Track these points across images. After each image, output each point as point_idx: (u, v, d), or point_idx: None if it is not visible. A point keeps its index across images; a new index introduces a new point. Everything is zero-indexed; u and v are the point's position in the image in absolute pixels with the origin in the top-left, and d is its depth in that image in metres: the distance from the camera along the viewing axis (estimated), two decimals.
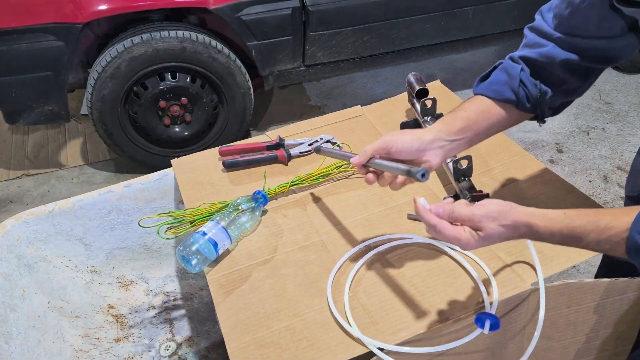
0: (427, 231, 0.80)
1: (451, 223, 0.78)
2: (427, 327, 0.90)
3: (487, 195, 1.05)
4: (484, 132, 0.93)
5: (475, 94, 0.95)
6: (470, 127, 0.91)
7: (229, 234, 1.05)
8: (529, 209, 0.76)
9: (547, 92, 0.92)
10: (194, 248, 1.02)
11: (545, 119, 0.97)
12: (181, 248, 1.03)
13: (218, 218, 1.06)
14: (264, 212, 1.16)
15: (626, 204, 1.09)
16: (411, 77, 1.33)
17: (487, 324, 0.85)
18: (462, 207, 0.77)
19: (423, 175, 0.80)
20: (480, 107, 0.92)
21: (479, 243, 0.77)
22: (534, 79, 0.92)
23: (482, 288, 0.95)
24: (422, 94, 1.28)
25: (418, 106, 1.26)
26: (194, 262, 1.02)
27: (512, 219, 0.75)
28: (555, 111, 0.98)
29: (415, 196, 0.82)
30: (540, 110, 0.94)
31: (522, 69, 0.92)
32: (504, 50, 3.42)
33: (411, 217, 1.09)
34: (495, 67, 0.95)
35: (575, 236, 0.72)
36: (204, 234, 1.03)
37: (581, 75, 0.91)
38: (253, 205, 1.11)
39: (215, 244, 1.03)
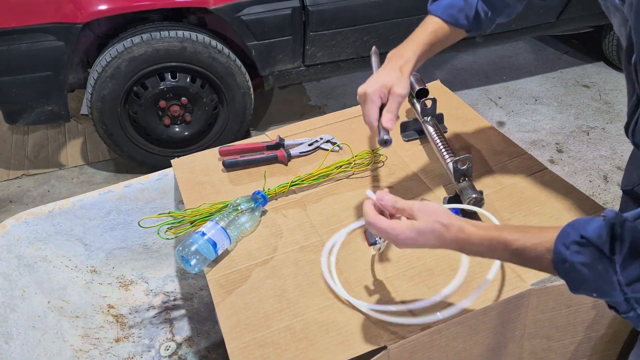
0: (365, 221, 0.82)
1: (392, 215, 0.82)
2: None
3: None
4: (434, 52, 1.03)
5: (431, 14, 1.02)
6: (429, 53, 1.02)
7: (228, 235, 1.05)
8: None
9: (495, 19, 1.03)
10: (193, 248, 1.02)
11: (480, 38, 1.08)
12: (180, 248, 1.03)
13: (217, 218, 1.06)
14: (264, 213, 1.16)
15: (622, 200, 1.10)
16: (411, 77, 1.33)
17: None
18: (404, 200, 0.81)
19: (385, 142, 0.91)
20: (438, 32, 1.01)
21: (413, 234, 0.78)
22: (484, 5, 1.00)
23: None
24: (422, 94, 1.28)
25: (418, 106, 1.26)
26: (193, 262, 1.02)
27: (447, 219, 0.77)
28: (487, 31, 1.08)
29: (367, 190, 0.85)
30: (482, 32, 1.05)
31: (483, 1, 1.00)
32: (504, 50, 3.42)
33: None
34: None
35: (502, 241, 0.73)
36: (203, 234, 1.03)
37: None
38: (252, 205, 1.11)
39: (214, 244, 1.03)
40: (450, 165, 1.10)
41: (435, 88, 1.47)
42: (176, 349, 1.30)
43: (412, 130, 1.34)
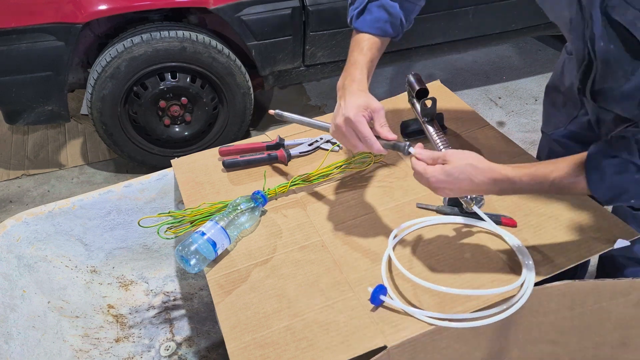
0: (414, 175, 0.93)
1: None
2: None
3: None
4: (374, 68, 1.08)
5: (358, 30, 1.07)
6: (371, 70, 1.07)
7: (227, 234, 1.05)
8: None
9: (412, 19, 1.11)
10: (192, 248, 1.02)
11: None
12: (180, 248, 1.03)
13: (217, 218, 1.06)
14: (263, 212, 1.16)
15: (541, 145, 1.35)
16: (411, 77, 1.33)
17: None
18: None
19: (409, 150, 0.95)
20: (373, 48, 1.06)
21: (443, 177, 0.87)
22: (402, 11, 1.07)
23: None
24: (422, 94, 1.28)
25: (418, 106, 1.26)
26: (192, 262, 1.02)
27: (478, 161, 0.87)
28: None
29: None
30: (402, 34, 1.11)
31: (399, 7, 1.06)
32: (504, 50, 3.42)
33: (420, 206, 1.11)
34: (369, 1, 1.06)
35: (540, 175, 0.84)
36: (203, 234, 1.03)
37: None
38: (252, 205, 1.11)
39: (214, 244, 1.03)
40: None
41: (435, 88, 1.47)
42: (176, 349, 1.30)
43: (412, 130, 1.34)
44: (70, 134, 2.84)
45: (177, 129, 2.40)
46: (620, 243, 0.96)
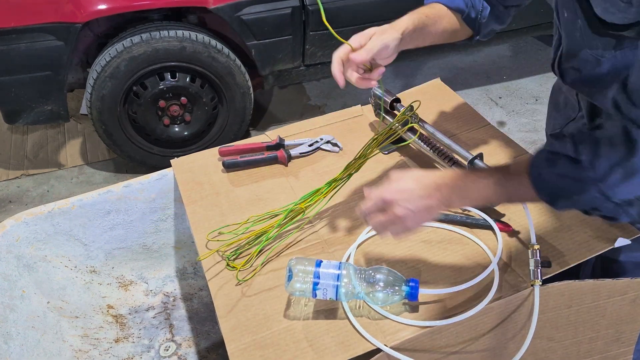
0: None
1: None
2: (428, 324, 0.89)
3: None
4: (431, 37, 1.05)
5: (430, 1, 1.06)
6: (424, 30, 1.03)
7: (338, 293, 0.91)
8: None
9: (487, 8, 1.07)
10: (301, 275, 0.91)
11: (477, 39, 1.12)
12: (294, 262, 0.93)
13: (348, 280, 0.91)
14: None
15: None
16: (377, 91, 1.27)
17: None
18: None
19: None
20: (437, 13, 1.04)
21: (396, 190, 0.84)
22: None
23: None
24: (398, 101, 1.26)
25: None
26: (297, 285, 0.92)
27: (422, 170, 0.86)
28: (484, 36, 1.13)
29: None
30: (476, 28, 1.09)
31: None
32: (504, 50, 3.42)
33: None
34: None
35: (482, 177, 0.83)
36: (318, 275, 0.90)
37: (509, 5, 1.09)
38: (399, 288, 0.91)
39: (316, 285, 0.91)
40: (467, 165, 1.10)
41: (436, 87, 1.47)
42: (176, 349, 1.30)
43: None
44: (69, 134, 2.84)
45: (176, 129, 2.40)
46: (621, 242, 0.95)
